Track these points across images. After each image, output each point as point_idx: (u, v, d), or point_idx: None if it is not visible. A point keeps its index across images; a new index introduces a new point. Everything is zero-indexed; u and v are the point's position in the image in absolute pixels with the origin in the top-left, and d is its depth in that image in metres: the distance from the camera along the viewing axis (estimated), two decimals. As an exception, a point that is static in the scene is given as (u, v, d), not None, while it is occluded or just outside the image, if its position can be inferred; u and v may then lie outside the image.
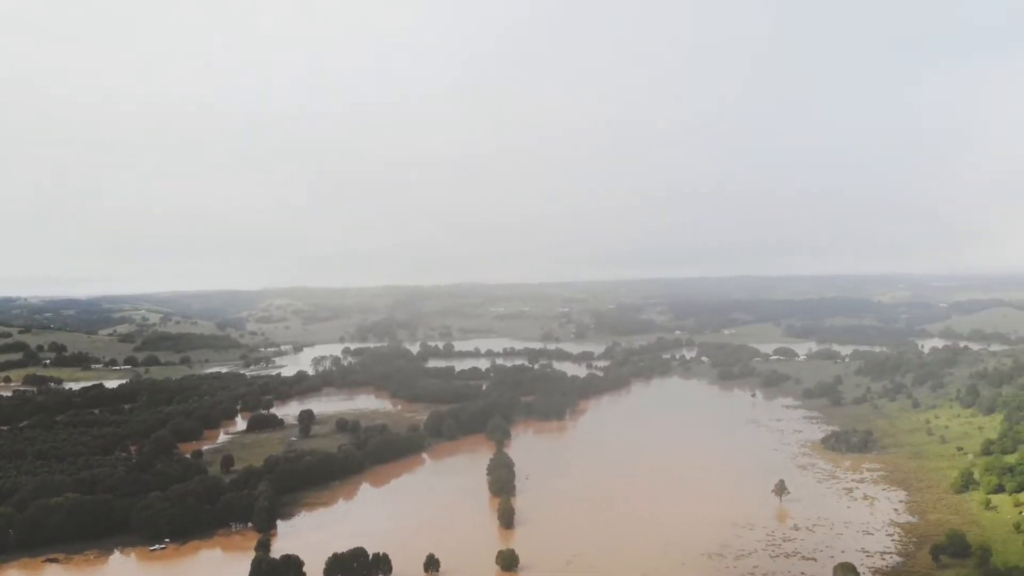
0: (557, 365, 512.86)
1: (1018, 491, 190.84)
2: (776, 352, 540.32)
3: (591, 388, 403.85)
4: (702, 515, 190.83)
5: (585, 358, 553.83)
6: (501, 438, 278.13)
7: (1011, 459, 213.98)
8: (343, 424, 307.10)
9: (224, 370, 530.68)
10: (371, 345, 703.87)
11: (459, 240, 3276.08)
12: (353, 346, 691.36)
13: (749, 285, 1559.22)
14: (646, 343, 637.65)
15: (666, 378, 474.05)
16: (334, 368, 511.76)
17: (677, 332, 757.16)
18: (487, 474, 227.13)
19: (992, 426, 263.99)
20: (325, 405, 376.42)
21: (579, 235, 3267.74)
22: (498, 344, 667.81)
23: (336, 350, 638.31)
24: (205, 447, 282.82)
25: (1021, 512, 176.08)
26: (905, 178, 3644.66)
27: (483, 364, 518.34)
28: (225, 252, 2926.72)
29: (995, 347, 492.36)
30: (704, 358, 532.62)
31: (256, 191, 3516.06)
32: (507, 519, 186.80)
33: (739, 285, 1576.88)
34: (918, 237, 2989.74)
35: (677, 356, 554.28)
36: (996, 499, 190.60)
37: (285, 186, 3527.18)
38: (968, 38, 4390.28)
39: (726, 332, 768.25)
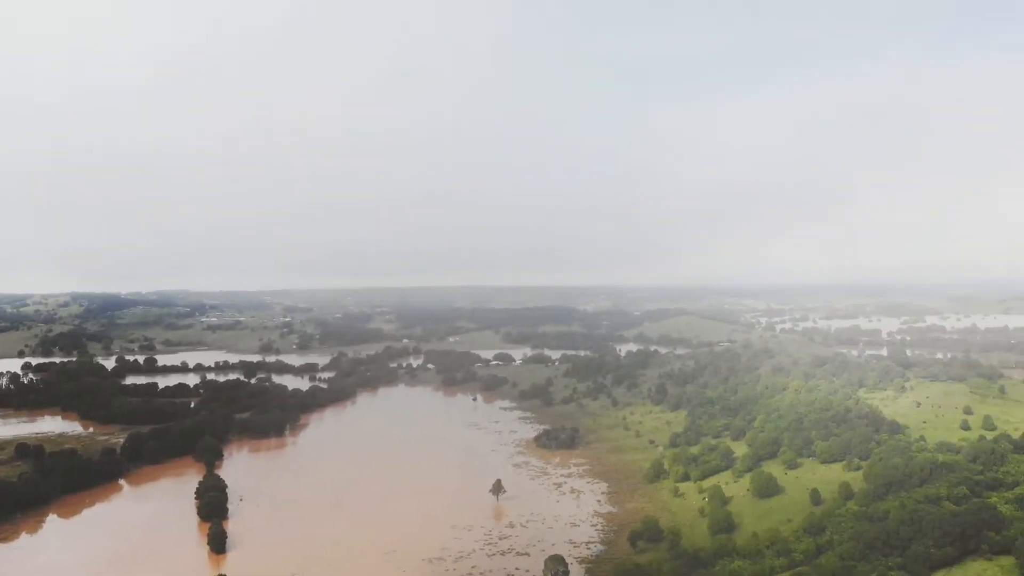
0: (277, 379, 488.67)
1: (701, 479, 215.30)
2: (496, 357, 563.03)
3: (314, 401, 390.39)
4: (424, 520, 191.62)
5: (308, 370, 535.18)
6: (212, 459, 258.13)
7: (694, 450, 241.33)
8: (24, 450, 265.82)
9: None
10: (57, 360, 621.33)
11: (162, 245, 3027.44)
12: (35, 361, 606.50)
13: (472, 295, 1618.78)
14: (374, 352, 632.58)
15: (393, 387, 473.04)
16: (12, 386, 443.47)
17: (405, 340, 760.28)
18: (196, 498, 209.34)
19: (678, 421, 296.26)
20: (1, 429, 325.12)
21: (302, 242, 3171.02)
22: (210, 358, 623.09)
23: (14, 366, 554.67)
24: None
25: (704, 498, 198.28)
26: (626, 194, 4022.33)
27: (192, 380, 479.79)
28: None
29: (680, 350, 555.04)
30: (430, 365, 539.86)
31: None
32: (218, 544, 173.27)
33: (463, 294, 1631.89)
34: (627, 250, 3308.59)
35: (404, 364, 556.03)
36: (683, 487, 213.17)
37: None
38: (695, 78, 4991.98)
39: (451, 340, 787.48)
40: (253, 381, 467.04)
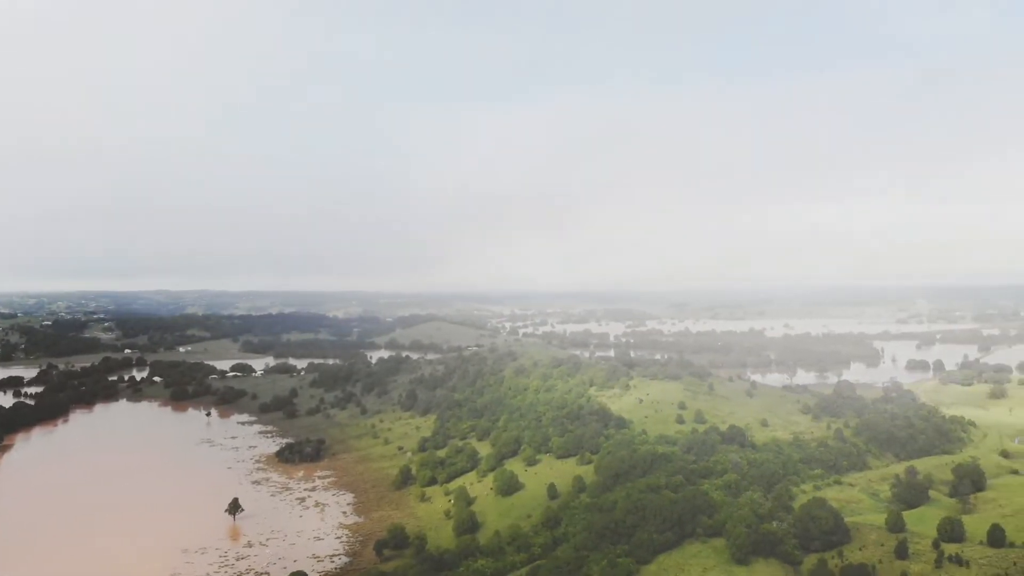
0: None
1: (448, 481, 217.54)
2: (234, 368, 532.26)
3: (19, 420, 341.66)
4: (151, 546, 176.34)
5: (12, 384, 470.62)
6: None
7: (442, 453, 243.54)
8: None
9: None
10: None
11: None
12: None
13: (207, 301, 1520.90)
14: (90, 364, 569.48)
15: (113, 402, 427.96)
16: None
17: (127, 351, 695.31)
18: None
19: (427, 425, 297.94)
20: None
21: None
22: None
23: None
24: None
25: (450, 500, 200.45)
26: (381, 202, 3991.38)
27: None
28: None
29: (431, 356, 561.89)
30: (157, 378, 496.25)
31: None
32: None
33: (197, 300, 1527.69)
34: (381, 256, 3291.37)
35: (127, 378, 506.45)
36: (430, 491, 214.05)
37: None
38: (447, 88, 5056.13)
39: (182, 350, 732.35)
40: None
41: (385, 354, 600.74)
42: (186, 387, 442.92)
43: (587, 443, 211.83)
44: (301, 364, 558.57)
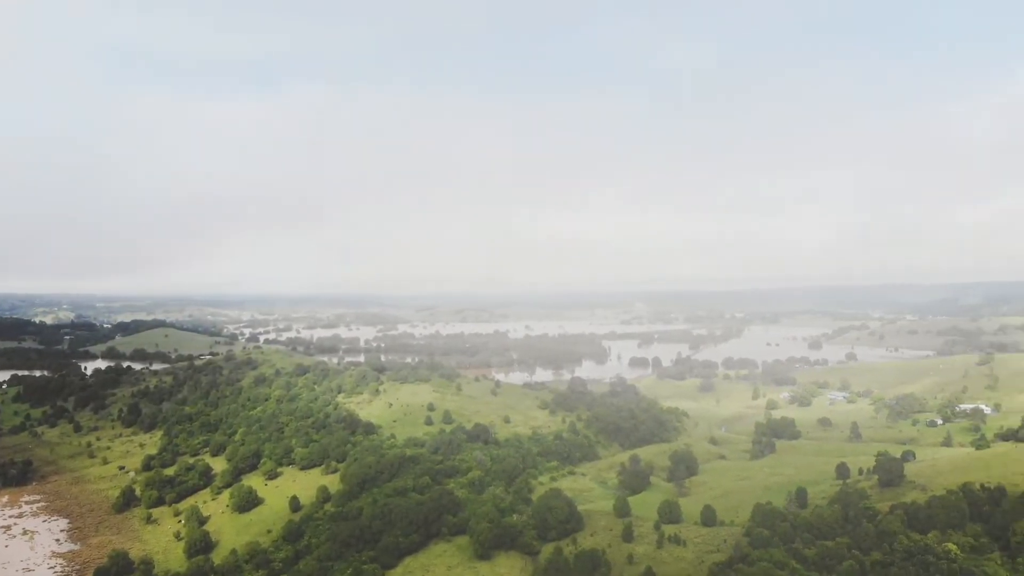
0: None
1: (178, 501, 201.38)
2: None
3: None
4: None
5: None
6: None
7: (170, 471, 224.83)
8: None
9: None
10: None
11: None
12: None
13: None
14: None
15: None
16: None
17: None
18: None
19: (153, 442, 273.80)
20: None
21: None
22: None
23: None
24: None
25: (180, 520, 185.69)
26: (96, 201, 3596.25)
27: None
28: None
29: (157, 366, 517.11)
30: None
31: None
32: None
33: None
34: (90, 257, 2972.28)
35: None
36: (157, 512, 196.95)
37: None
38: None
39: None
40: None
41: (103, 364, 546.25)
42: None
43: (333, 452, 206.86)
44: (2, 376, 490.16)
